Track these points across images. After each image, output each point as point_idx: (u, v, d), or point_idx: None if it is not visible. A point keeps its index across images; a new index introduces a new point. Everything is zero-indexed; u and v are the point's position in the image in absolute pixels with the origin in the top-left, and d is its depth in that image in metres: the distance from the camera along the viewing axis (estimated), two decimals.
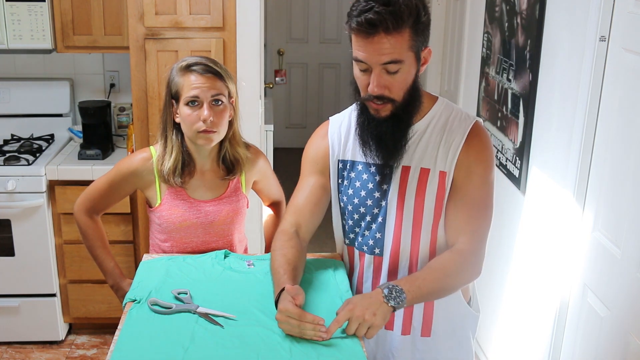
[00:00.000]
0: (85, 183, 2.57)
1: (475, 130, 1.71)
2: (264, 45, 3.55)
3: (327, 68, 6.40)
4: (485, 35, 3.19)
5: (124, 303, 1.78)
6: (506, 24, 2.87)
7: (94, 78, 3.61)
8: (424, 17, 1.58)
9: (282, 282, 1.63)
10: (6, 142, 3.42)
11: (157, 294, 1.75)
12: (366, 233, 1.79)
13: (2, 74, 3.55)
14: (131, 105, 3.29)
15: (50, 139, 3.48)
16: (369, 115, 1.67)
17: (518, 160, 2.70)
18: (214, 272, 1.89)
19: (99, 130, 3.33)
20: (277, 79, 5.80)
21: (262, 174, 2.20)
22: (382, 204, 1.75)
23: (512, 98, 2.77)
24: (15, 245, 3.17)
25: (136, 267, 1.99)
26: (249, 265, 1.92)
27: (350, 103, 1.81)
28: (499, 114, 2.94)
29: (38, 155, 3.25)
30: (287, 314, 1.53)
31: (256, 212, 3.00)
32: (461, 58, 3.68)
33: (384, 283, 1.68)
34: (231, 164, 2.09)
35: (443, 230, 1.75)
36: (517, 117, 2.70)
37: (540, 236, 2.50)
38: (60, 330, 3.35)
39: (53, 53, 3.29)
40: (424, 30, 1.60)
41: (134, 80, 2.95)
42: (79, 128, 3.48)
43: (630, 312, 1.92)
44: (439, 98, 1.77)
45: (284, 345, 1.53)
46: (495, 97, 3.00)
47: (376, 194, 1.75)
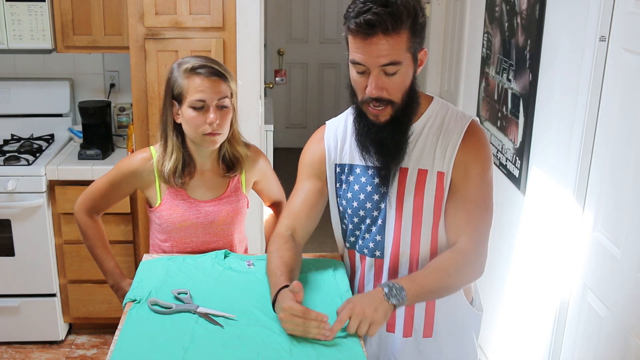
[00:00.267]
0: (85, 183, 2.57)
1: (472, 129, 1.71)
2: (264, 45, 3.54)
3: (327, 68, 6.40)
4: (485, 35, 3.19)
5: (124, 303, 1.78)
6: (506, 24, 2.87)
7: (94, 78, 3.61)
8: (421, 19, 1.59)
9: (279, 283, 1.63)
10: (6, 142, 3.42)
11: (157, 294, 1.75)
12: (366, 236, 1.79)
13: (2, 74, 3.55)
14: (131, 105, 3.29)
15: (50, 139, 3.48)
16: (369, 122, 1.66)
17: (518, 160, 2.70)
18: (214, 272, 1.89)
19: (99, 130, 3.33)
20: (277, 79, 5.80)
21: (263, 174, 2.20)
22: (382, 206, 1.75)
23: (512, 98, 2.77)
24: (15, 245, 3.18)
25: (136, 267, 1.99)
26: (249, 265, 1.92)
27: (349, 104, 1.81)
28: (499, 114, 2.94)
29: (38, 155, 3.25)
30: (292, 312, 1.52)
31: (256, 212, 3.00)
32: (461, 58, 3.68)
33: (384, 282, 1.68)
34: (231, 163, 2.10)
35: (443, 230, 1.75)
36: (517, 117, 2.70)
37: (540, 236, 2.50)
38: (60, 330, 3.35)
39: (53, 53, 3.29)
40: (421, 31, 1.60)
41: (134, 80, 2.94)
42: (79, 128, 3.48)
43: (630, 312, 1.92)
44: (434, 98, 1.77)
45: (284, 345, 1.53)
46: (495, 97, 3.00)
47: (375, 197, 1.75)
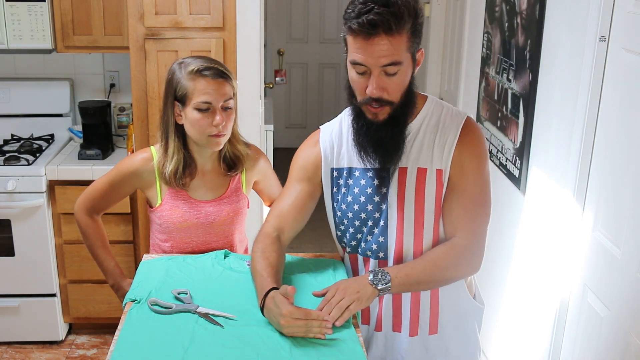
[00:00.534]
0: (85, 183, 2.57)
1: (468, 126, 1.72)
2: (264, 45, 3.54)
3: (327, 68, 6.40)
4: (485, 35, 3.19)
5: (124, 303, 1.78)
6: (506, 24, 2.87)
7: (94, 78, 3.61)
8: (420, 19, 1.60)
9: (266, 285, 1.64)
10: (6, 142, 3.42)
11: (157, 294, 1.75)
12: (369, 238, 1.79)
13: (2, 74, 3.55)
14: (131, 105, 3.29)
15: (50, 139, 3.48)
16: (367, 121, 1.66)
17: (518, 160, 2.70)
18: (214, 272, 1.89)
19: (99, 130, 3.33)
20: (277, 79, 5.79)
21: (263, 174, 2.20)
22: (383, 207, 1.75)
23: (512, 98, 2.77)
24: (15, 245, 3.17)
25: (136, 267, 1.99)
26: (248, 265, 1.92)
27: (348, 104, 1.81)
28: (499, 114, 2.94)
29: (38, 155, 3.25)
30: (293, 316, 1.53)
31: (256, 212, 3.00)
32: (461, 58, 3.68)
33: (372, 269, 1.72)
34: (232, 162, 2.10)
35: (442, 226, 1.75)
36: (517, 117, 2.70)
37: (540, 236, 2.50)
38: (60, 330, 3.35)
39: (53, 53, 3.29)
40: (420, 31, 1.61)
41: (134, 80, 2.94)
42: (79, 128, 3.48)
43: (630, 312, 1.92)
44: (428, 97, 1.78)
45: (284, 345, 1.53)
46: (495, 97, 3.00)
47: (376, 198, 1.75)
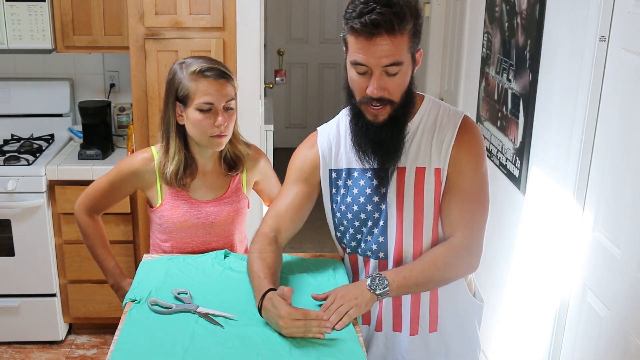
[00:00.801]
0: (85, 183, 2.57)
1: (465, 125, 1.73)
2: (264, 45, 3.54)
3: (327, 68, 6.40)
4: (485, 35, 3.19)
5: (124, 303, 1.78)
6: (506, 24, 2.87)
7: (94, 78, 3.61)
8: (421, 19, 1.60)
9: (263, 286, 1.64)
10: (6, 142, 3.42)
11: (157, 294, 1.75)
12: (369, 238, 1.79)
13: (2, 74, 3.55)
14: (131, 105, 3.29)
15: (50, 139, 3.48)
16: (367, 121, 1.66)
17: (518, 160, 2.70)
18: (214, 272, 1.89)
19: (99, 130, 3.33)
20: (277, 79, 5.79)
21: (264, 174, 2.20)
22: (382, 207, 1.75)
23: (512, 98, 2.77)
24: (15, 245, 3.17)
25: (136, 267, 1.99)
26: None
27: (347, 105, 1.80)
28: (499, 114, 2.94)
29: (38, 155, 3.25)
30: (292, 317, 1.53)
31: (256, 213, 3.00)
32: (461, 58, 3.68)
33: (370, 274, 1.72)
34: (232, 162, 2.10)
35: (440, 225, 1.76)
36: (517, 117, 2.70)
37: (540, 236, 2.50)
38: (60, 330, 3.35)
39: (53, 53, 3.29)
40: (420, 31, 1.62)
41: (134, 80, 2.95)
42: (79, 128, 3.48)
43: (630, 312, 1.92)
44: (425, 96, 1.78)
45: (284, 345, 1.53)
46: (495, 97, 3.00)
47: (375, 199, 1.75)
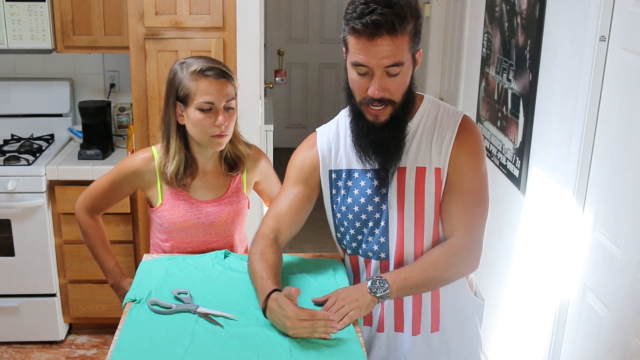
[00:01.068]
0: (85, 183, 2.57)
1: (465, 125, 1.73)
2: (264, 45, 3.54)
3: (327, 68, 6.40)
4: (485, 35, 3.19)
5: (124, 303, 1.78)
6: (506, 24, 2.87)
7: (94, 78, 3.61)
8: (421, 19, 1.60)
9: (267, 287, 1.64)
10: (6, 142, 3.42)
11: (157, 294, 1.75)
12: (370, 239, 1.79)
13: (2, 74, 3.55)
14: (131, 105, 3.29)
15: (50, 139, 3.48)
16: (367, 122, 1.66)
17: (518, 160, 2.70)
18: (214, 272, 1.89)
19: (99, 130, 3.33)
20: (277, 79, 5.79)
21: (264, 174, 2.20)
22: (383, 208, 1.75)
23: (512, 98, 2.77)
24: (15, 245, 3.17)
25: (136, 267, 1.99)
26: (248, 265, 1.92)
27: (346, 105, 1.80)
28: (499, 114, 2.94)
29: (38, 155, 3.25)
30: (299, 317, 1.53)
31: (257, 213, 3.00)
32: (461, 58, 3.68)
33: (371, 276, 1.72)
34: (233, 162, 2.10)
35: (440, 224, 1.76)
36: (517, 117, 2.70)
37: (540, 236, 2.50)
38: (60, 330, 3.35)
39: (53, 53, 3.29)
40: (420, 31, 1.62)
41: (134, 80, 2.94)
42: (79, 128, 3.48)
43: (630, 312, 1.92)
44: (425, 96, 1.78)
45: (284, 345, 1.53)
46: (495, 97, 3.00)
47: (376, 199, 1.75)
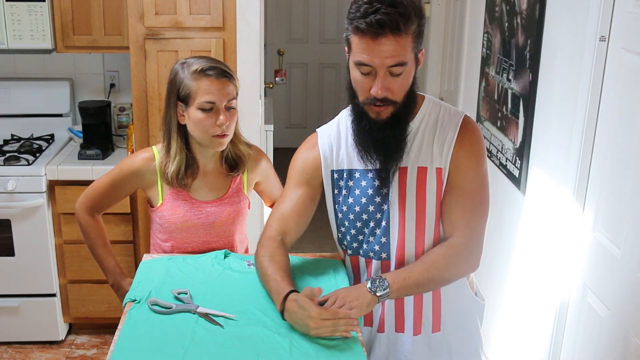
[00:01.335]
0: (85, 183, 2.57)
1: (466, 125, 1.73)
2: (264, 45, 3.54)
3: (327, 68, 6.40)
4: (485, 35, 3.19)
5: (124, 303, 1.78)
6: (506, 24, 2.87)
7: (94, 78, 3.61)
8: (424, 19, 1.61)
9: (283, 289, 1.64)
10: (6, 142, 3.42)
11: (157, 294, 1.75)
12: (371, 239, 1.79)
13: (2, 74, 3.55)
14: (131, 105, 3.29)
15: (50, 139, 3.48)
16: (370, 120, 1.66)
17: (518, 160, 2.70)
18: (214, 272, 1.89)
19: (99, 130, 3.33)
20: (277, 79, 5.79)
21: (265, 175, 2.20)
22: (384, 207, 1.75)
23: (512, 98, 2.77)
24: (15, 245, 3.17)
25: (136, 267, 1.99)
26: (249, 265, 1.93)
27: (348, 105, 1.80)
28: (499, 114, 2.94)
29: (38, 155, 3.25)
30: (322, 317, 1.54)
31: (257, 213, 3.00)
32: (461, 58, 3.68)
33: (371, 276, 1.72)
34: (234, 162, 2.10)
35: (441, 224, 1.76)
36: (517, 117, 2.70)
37: (540, 236, 2.50)
38: (60, 330, 3.35)
39: (53, 53, 3.29)
40: (423, 31, 1.62)
41: (134, 80, 2.95)
42: (79, 128, 3.48)
43: (630, 312, 1.92)
44: (426, 96, 1.78)
45: (284, 345, 1.53)
46: (495, 97, 3.00)
47: (377, 199, 1.75)
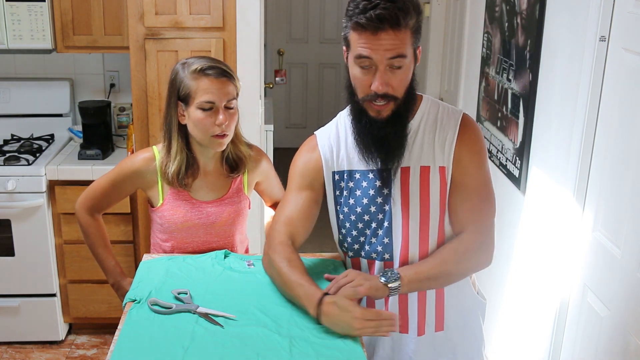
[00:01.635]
0: (85, 183, 2.57)
1: (465, 123, 1.75)
2: (264, 45, 3.54)
3: (327, 68, 6.40)
4: (485, 35, 3.19)
5: (124, 303, 1.78)
6: (506, 24, 2.87)
7: (94, 78, 3.61)
8: (421, 15, 1.63)
9: (314, 293, 1.63)
10: (6, 142, 3.42)
11: (157, 294, 1.75)
12: (373, 240, 1.78)
13: (2, 74, 3.55)
14: (131, 105, 3.29)
15: (50, 139, 3.48)
16: (370, 118, 1.66)
17: (518, 160, 2.70)
18: (214, 272, 1.89)
19: (99, 130, 3.33)
20: (277, 79, 5.79)
21: (265, 175, 2.20)
22: (386, 208, 1.75)
23: (512, 98, 2.77)
24: (15, 245, 3.17)
25: (136, 267, 1.99)
26: (249, 265, 1.92)
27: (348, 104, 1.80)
28: (499, 114, 2.94)
29: (38, 155, 3.25)
30: (366, 317, 1.55)
31: (257, 213, 3.00)
32: (461, 58, 3.68)
33: (382, 271, 1.73)
34: (234, 163, 2.10)
35: (449, 224, 1.77)
36: (517, 117, 2.70)
37: (540, 236, 2.50)
38: (60, 330, 3.35)
39: (53, 53, 3.29)
40: (421, 27, 1.64)
41: (134, 80, 2.95)
42: (79, 128, 3.48)
43: (630, 312, 1.92)
44: (424, 96, 1.79)
45: (283, 345, 1.53)
46: (495, 97, 3.00)
47: (378, 200, 1.75)
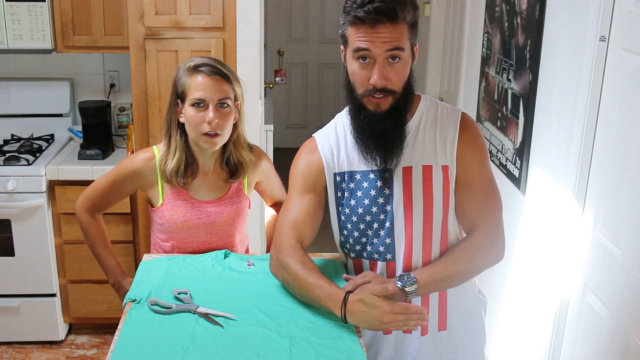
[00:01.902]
0: (85, 183, 2.57)
1: (465, 122, 1.76)
2: (264, 45, 3.54)
3: (327, 68, 6.40)
4: (485, 35, 3.19)
5: (124, 303, 1.78)
6: (506, 24, 2.87)
7: (94, 78, 3.61)
8: (418, 11, 1.65)
9: (337, 293, 1.62)
10: (6, 142, 3.42)
11: (157, 294, 1.75)
12: (375, 241, 1.78)
13: (2, 74, 3.55)
14: (131, 105, 3.29)
15: (50, 139, 3.48)
16: (369, 113, 1.67)
17: (518, 160, 2.70)
18: (214, 272, 1.89)
19: (99, 130, 3.33)
20: (277, 79, 5.79)
21: (265, 175, 2.20)
22: (387, 208, 1.75)
23: (512, 98, 2.77)
24: (15, 245, 3.17)
25: (136, 267, 1.99)
26: (249, 265, 1.93)
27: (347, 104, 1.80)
28: (499, 114, 2.94)
29: (38, 155, 3.25)
30: (395, 311, 1.56)
31: (257, 213, 3.00)
32: (461, 58, 3.68)
33: (398, 275, 1.73)
34: (235, 167, 2.09)
35: (452, 224, 1.77)
36: (517, 117, 2.70)
37: (540, 236, 2.50)
38: (60, 330, 3.35)
39: (53, 53, 3.29)
40: (417, 23, 1.66)
41: (134, 80, 2.95)
42: (79, 128, 3.48)
43: (630, 312, 1.92)
44: (422, 95, 1.80)
45: (283, 345, 1.53)
46: (495, 97, 3.00)
47: (380, 200, 1.75)
